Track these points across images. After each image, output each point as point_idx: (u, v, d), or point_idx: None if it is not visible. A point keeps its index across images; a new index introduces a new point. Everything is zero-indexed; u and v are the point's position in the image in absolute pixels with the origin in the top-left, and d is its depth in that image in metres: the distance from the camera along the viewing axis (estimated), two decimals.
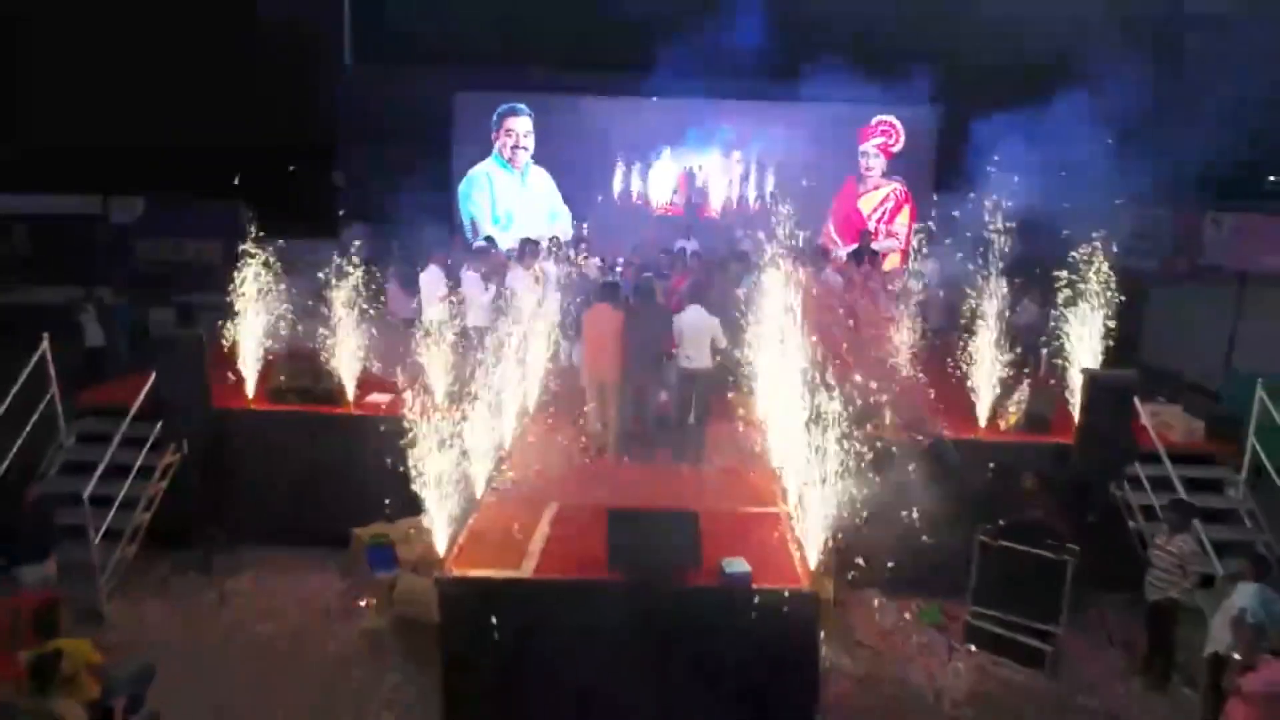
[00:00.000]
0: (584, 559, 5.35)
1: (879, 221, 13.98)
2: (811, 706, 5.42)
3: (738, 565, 5.12)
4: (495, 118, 13.88)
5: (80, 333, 12.29)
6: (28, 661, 5.08)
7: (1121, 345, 12.85)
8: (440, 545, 5.68)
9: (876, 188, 13.96)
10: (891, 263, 13.19)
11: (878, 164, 13.81)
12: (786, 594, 5.07)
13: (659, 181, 13.90)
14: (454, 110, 14.10)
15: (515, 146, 13.80)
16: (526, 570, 5.31)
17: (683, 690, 5.13)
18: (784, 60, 12.33)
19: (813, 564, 5.41)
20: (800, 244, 9.32)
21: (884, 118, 13.77)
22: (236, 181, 12.81)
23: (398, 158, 13.54)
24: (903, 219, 14.00)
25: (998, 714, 6.47)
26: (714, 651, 5.10)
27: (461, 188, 14.08)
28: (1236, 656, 5.12)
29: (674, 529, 5.18)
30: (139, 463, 7.67)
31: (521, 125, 13.78)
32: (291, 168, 18.89)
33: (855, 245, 12.98)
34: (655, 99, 13.03)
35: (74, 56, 17.66)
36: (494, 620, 5.02)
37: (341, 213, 15.27)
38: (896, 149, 13.86)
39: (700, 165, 13.77)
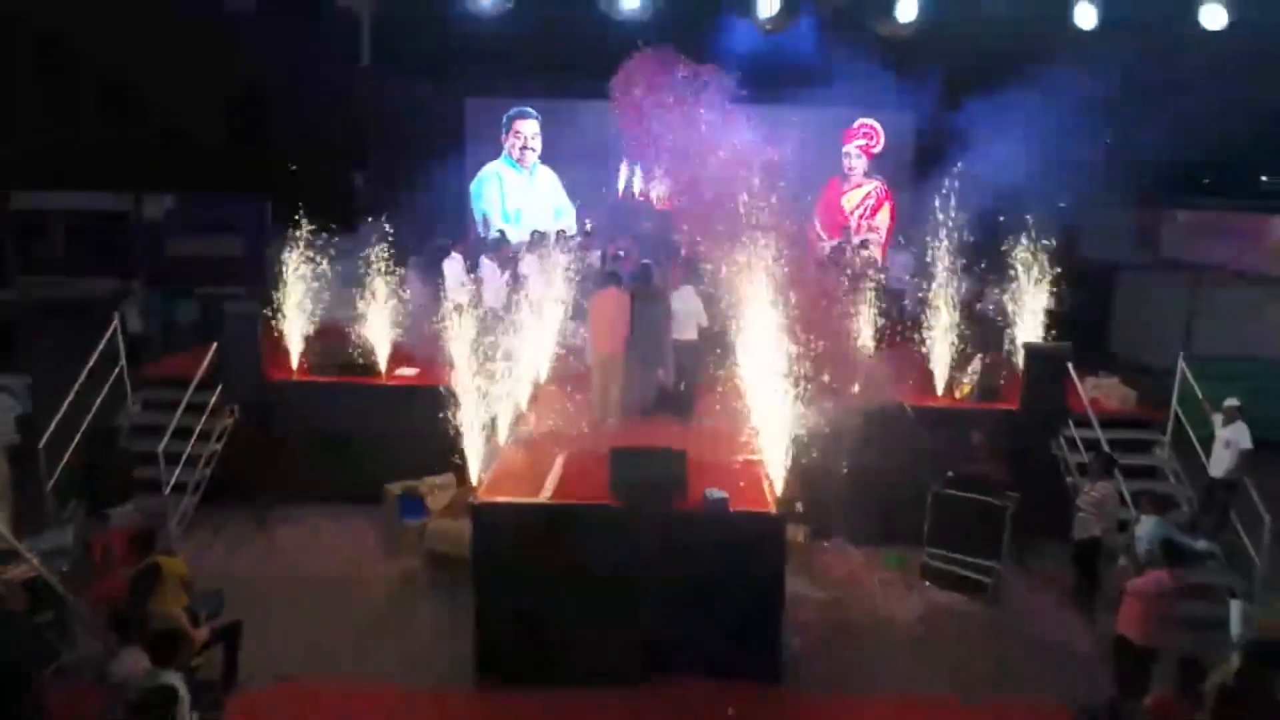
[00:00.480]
0: (590, 490, 6.48)
1: (861, 218, 15.02)
2: (779, 620, 6.52)
3: (717, 494, 6.23)
4: (505, 120, 14.93)
5: (123, 321, 13.43)
6: (131, 575, 6.20)
7: (1090, 330, 13.91)
8: (474, 479, 6.80)
9: (858, 186, 15.01)
10: (872, 254, 14.26)
11: (859, 164, 14.85)
12: (757, 517, 6.19)
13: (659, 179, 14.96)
14: (466, 114, 15.17)
15: (523, 147, 14.85)
16: (543, 498, 6.43)
17: (671, 602, 6.23)
18: (771, 66, 13.39)
19: (779, 492, 6.50)
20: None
21: (865, 120, 14.81)
22: (293, 169, 13.68)
23: (413, 158, 14.63)
24: (883, 215, 15.06)
25: (945, 634, 7.56)
26: (697, 569, 6.19)
27: (474, 186, 15.14)
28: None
29: (665, 463, 6.30)
30: (200, 426, 8.81)
31: (529, 128, 14.84)
32: (294, 167, 20.03)
33: (838, 239, 14.15)
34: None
35: (106, 57, 18.74)
36: (511, 538, 6.12)
37: (360, 209, 16.38)
38: (877, 150, 14.90)
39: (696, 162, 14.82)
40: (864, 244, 13.76)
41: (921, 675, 6.88)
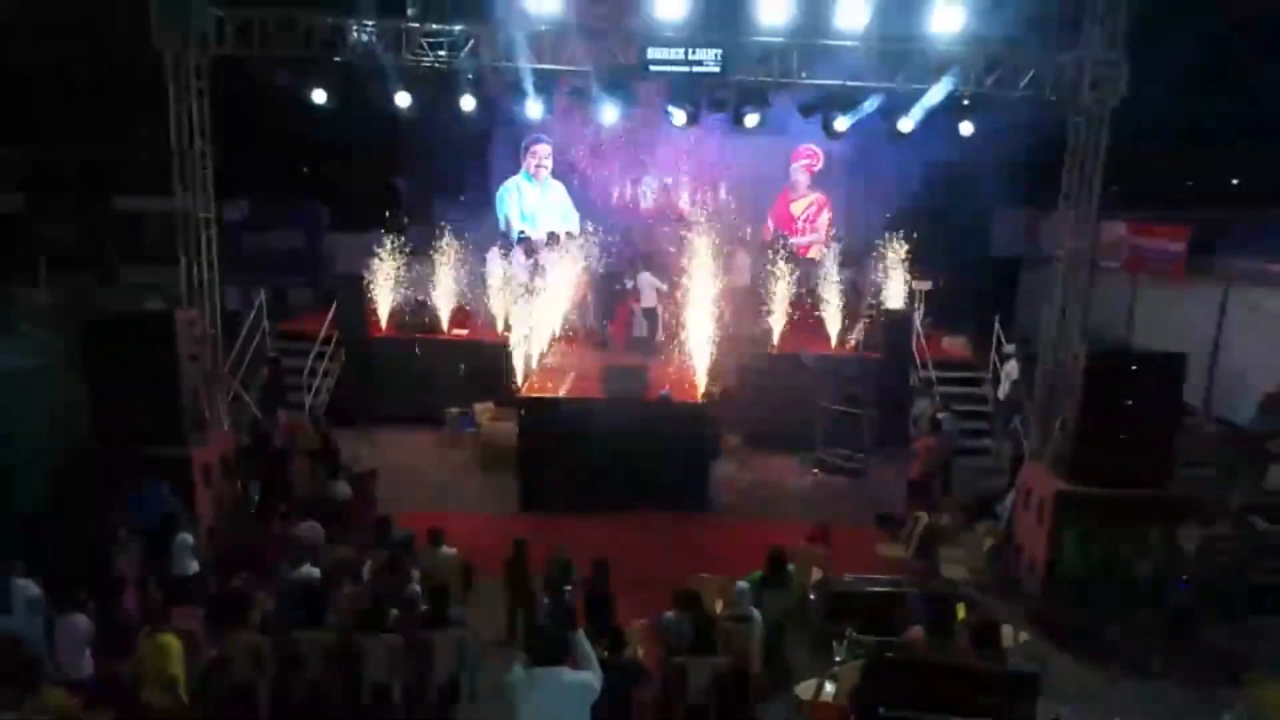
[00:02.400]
0: (589, 392, 10.54)
1: (805, 221, 19.03)
2: (707, 470, 10.55)
3: (665, 391, 10.28)
4: (524, 144, 18.93)
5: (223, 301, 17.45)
6: (310, 450, 10.16)
7: (1001, 311, 17.29)
8: (519, 381, 10.91)
9: (803, 196, 19.01)
10: (814, 251, 18.26)
11: (803, 179, 18.82)
12: (690, 405, 10.26)
13: (645, 191, 18.96)
14: (493, 138, 19.16)
15: (538, 165, 18.83)
16: (562, 393, 10.50)
17: (641, 459, 10.22)
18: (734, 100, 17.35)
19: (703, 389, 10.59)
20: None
21: (809, 146, 18.79)
22: (394, 180, 17.43)
23: (449, 172, 18.60)
24: (823, 219, 19.04)
25: (829, 499, 11.49)
26: (656, 438, 10.20)
27: (498, 195, 19.14)
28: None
29: (635, 374, 10.36)
30: (323, 367, 12.85)
31: (543, 150, 18.80)
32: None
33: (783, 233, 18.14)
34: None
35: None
36: (544, 416, 10.18)
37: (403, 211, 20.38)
38: (818, 169, 18.89)
39: (672, 180, 18.83)
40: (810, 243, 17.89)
41: (801, 513, 10.85)
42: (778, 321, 13.42)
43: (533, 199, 18.97)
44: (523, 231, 17.52)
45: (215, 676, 6.07)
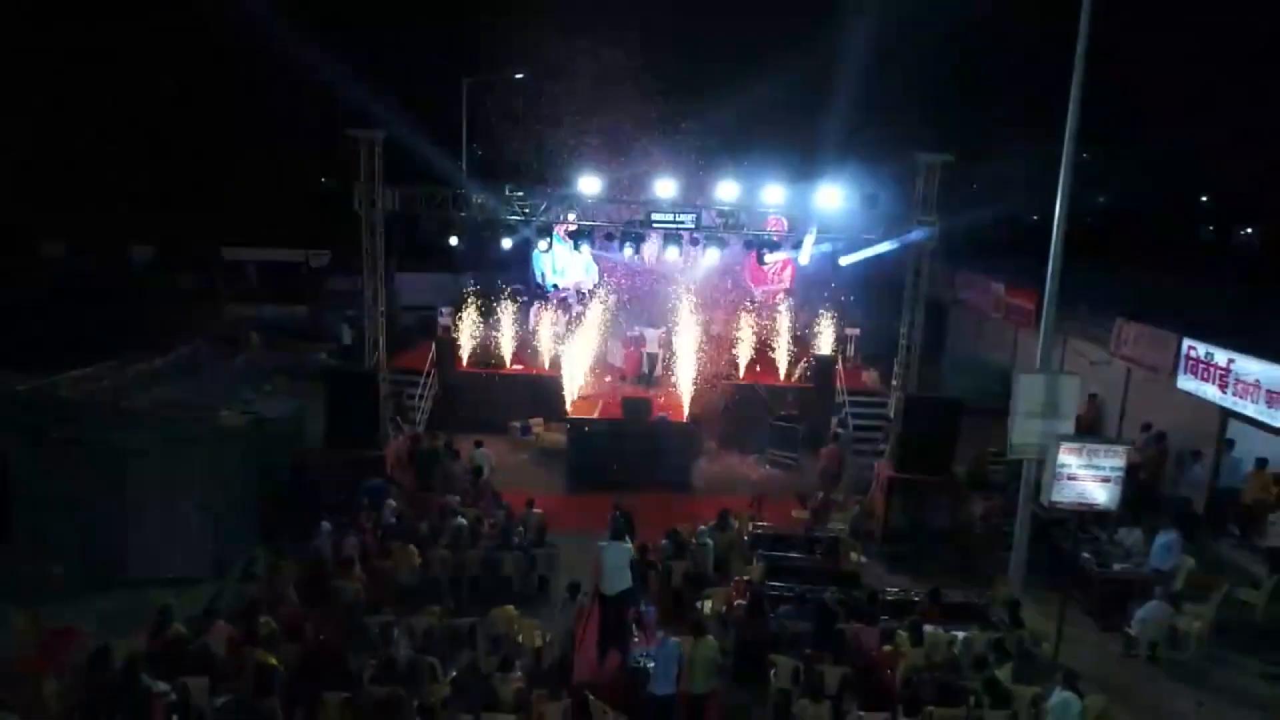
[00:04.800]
0: (613, 414, 16.26)
1: (774, 274, 24.67)
2: (689, 466, 16.25)
3: (662, 415, 15.99)
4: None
5: (340, 335, 23.14)
6: (419, 455, 15.86)
7: (935, 343, 22.83)
8: (568, 406, 16.65)
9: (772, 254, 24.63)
10: (780, 298, 23.91)
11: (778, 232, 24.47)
12: (679, 423, 15.97)
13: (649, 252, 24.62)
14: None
15: (567, 231, 24.49)
16: (594, 410, 16.22)
17: (647, 455, 15.90)
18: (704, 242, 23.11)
19: (687, 414, 16.28)
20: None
21: (775, 216, 24.40)
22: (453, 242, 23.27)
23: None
24: (787, 273, 24.70)
25: (771, 483, 17.09)
26: (656, 443, 15.90)
27: (535, 254, 24.81)
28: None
29: (643, 404, 16.09)
30: (427, 391, 18.54)
31: (572, 216, 24.46)
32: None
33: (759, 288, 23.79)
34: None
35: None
36: (584, 430, 15.87)
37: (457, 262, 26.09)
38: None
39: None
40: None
41: (751, 492, 16.48)
42: (742, 361, 19.15)
43: (563, 257, 24.67)
44: (555, 284, 23.20)
45: (428, 571, 11.76)
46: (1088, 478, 10.17)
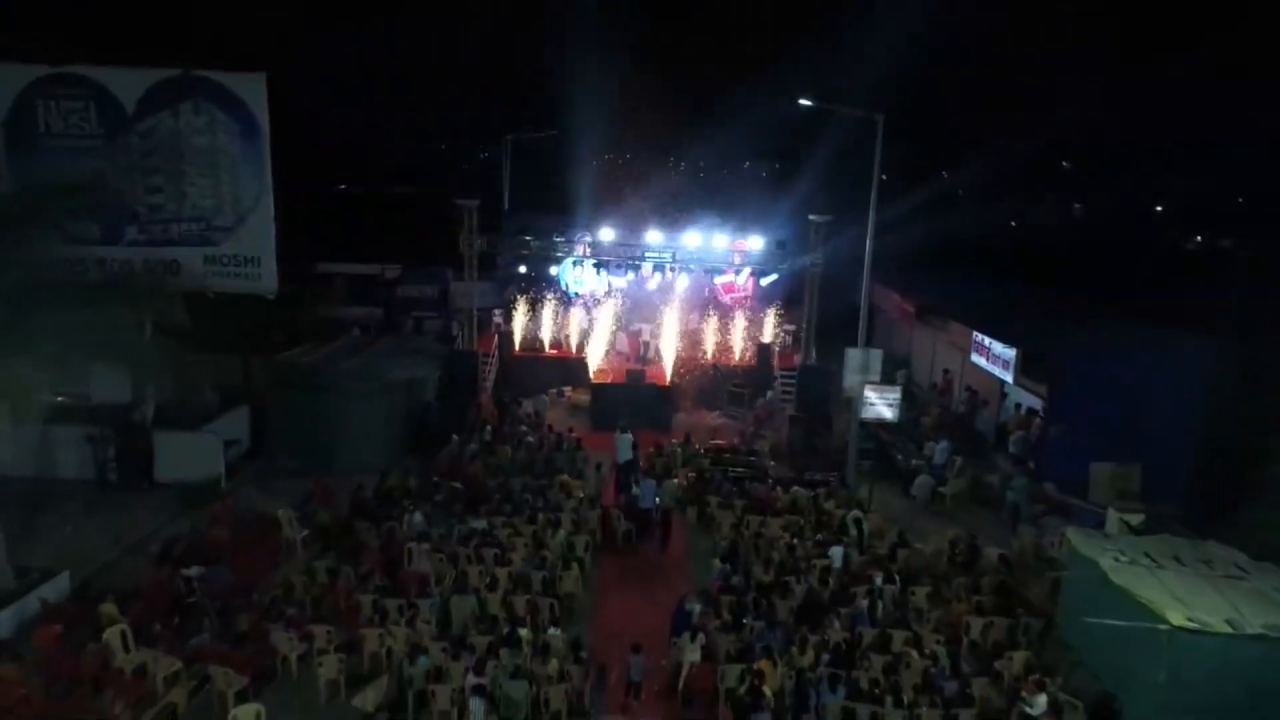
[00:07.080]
0: (621, 380, 24.84)
1: (740, 287, 33.15)
2: (670, 416, 24.82)
3: (653, 383, 24.56)
4: (579, 235, 33.10)
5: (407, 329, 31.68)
6: (500, 404, 24.46)
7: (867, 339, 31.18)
8: (592, 371, 25.31)
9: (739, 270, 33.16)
10: (743, 304, 32.40)
11: (739, 259, 32.99)
12: (662, 386, 24.52)
13: (646, 271, 33.18)
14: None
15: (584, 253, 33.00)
16: (607, 379, 24.83)
17: (642, 404, 24.42)
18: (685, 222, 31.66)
19: (669, 382, 24.90)
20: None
21: (739, 239, 32.92)
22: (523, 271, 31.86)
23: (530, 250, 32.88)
24: (749, 285, 33.15)
25: (725, 428, 25.62)
26: (646, 396, 24.46)
27: (560, 268, 33.28)
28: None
29: (640, 374, 24.66)
30: (492, 367, 27.09)
31: (587, 238, 33.02)
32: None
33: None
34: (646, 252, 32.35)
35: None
36: (602, 392, 24.46)
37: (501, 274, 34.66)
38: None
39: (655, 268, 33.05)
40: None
41: (710, 433, 24.99)
42: (709, 347, 27.71)
43: (583, 270, 33.27)
44: (577, 292, 31.81)
45: (515, 460, 20.35)
46: (880, 403, 18.69)
